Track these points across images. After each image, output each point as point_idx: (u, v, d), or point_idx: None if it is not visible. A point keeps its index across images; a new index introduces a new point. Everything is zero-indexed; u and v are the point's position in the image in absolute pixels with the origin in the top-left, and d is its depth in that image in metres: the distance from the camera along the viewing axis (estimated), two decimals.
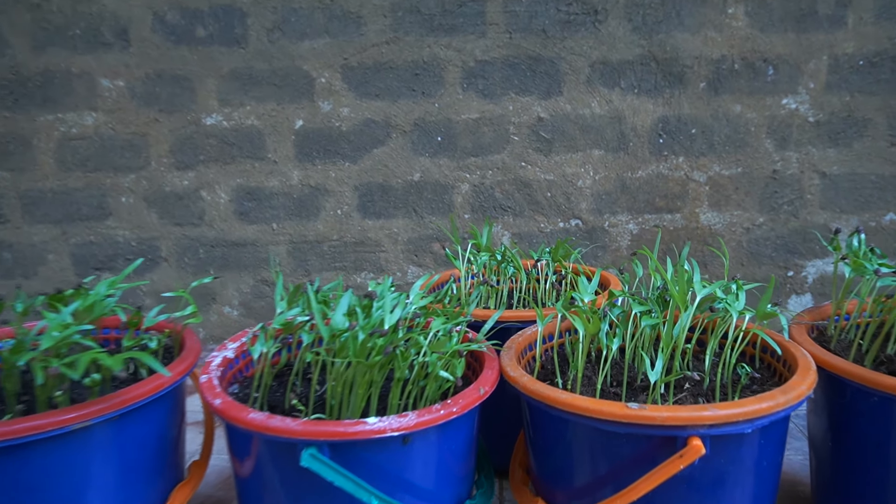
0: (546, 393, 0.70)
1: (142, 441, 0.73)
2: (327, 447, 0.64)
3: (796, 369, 0.72)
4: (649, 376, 0.70)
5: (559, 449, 0.72)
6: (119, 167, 1.91)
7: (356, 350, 0.66)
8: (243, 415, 0.66)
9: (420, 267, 1.98)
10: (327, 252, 1.98)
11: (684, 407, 0.64)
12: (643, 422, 0.64)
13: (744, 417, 0.63)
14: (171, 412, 0.79)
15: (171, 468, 0.80)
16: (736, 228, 1.90)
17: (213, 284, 2.00)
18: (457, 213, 1.94)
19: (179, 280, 1.99)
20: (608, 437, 0.67)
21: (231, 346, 0.84)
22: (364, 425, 0.64)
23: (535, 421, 0.77)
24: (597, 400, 0.67)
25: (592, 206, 1.92)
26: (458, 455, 0.73)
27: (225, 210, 1.95)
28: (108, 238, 1.96)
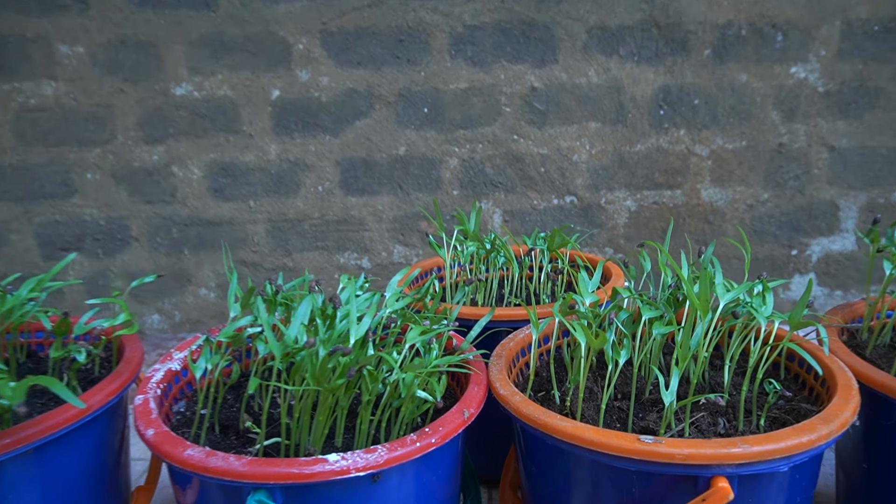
0: (543, 420, 0.58)
1: (66, 472, 0.61)
2: (280, 491, 0.53)
3: (834, 387, 0.61)
4: (663, 398, 0.59)
5: (557, 481, 0.61)
6: (83, 141, 1.76)
7: (315, 371, 0.54)
8: (178, 452, 0.54)
9: (406, 246, 1.85)
10: (308, 231, 1.85)
11: (708, 442, 0.52)
12: (659, 459, 0.52)
13: (780, 454, 0.52)
14: (103, 437, 0.67)
15: (107, 496, 0.68)
16: (739, 205, 1.78)
17: (188, 265, 1.86)
18: (445, 190, 1.81)
19: (152, 261, 1.85)
20: (616, 474, 0.56)
21: (177, 356, 0.71)
22: (323, 464, 0.53)
23: (529, 447, 0.65)
24: (603, 431, 0.55)
25: (588, 181, 1.79)
26: (438, 490, 0.61)
27: (198, 187, 1.81)
28: (74, 217, 1.81)
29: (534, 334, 0.69)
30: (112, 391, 0.65)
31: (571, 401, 0.67)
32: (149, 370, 0.68)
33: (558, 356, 0.81)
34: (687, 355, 0.61)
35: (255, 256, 1.86)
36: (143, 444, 0.57)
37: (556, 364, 0.81)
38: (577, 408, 0.66)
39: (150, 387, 0.65)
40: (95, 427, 0.65)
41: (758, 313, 0.63)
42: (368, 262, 1.87)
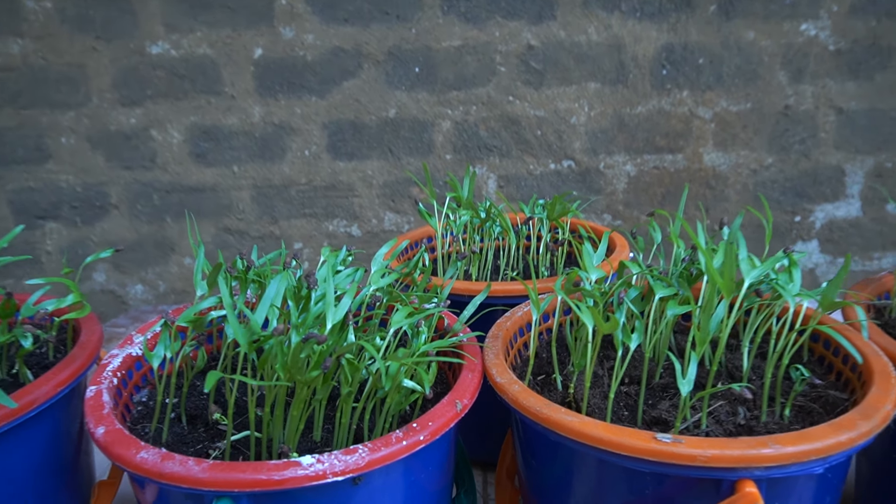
0: (546, 414, 0.51)
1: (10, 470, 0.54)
2: (246, 499, 0.46)
3: (869, 374, 0.54)
4: (680, 387, 0.52)
5: (559, 478, 0.54)
6: (56, 103, 1.65)
7: (286, 362, 0.47)
8: (131, 454, 0.47)
9: (398, 213, 1.77)
10: (295, 197, 1.76)
11: (734, 442, 0.45)
12: (678, 461, 0.45)
13: (816, 455, 0.45)
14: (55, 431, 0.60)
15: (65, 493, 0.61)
16: (742, 170, 1.70)
17: (171, 234, 1.78)
18: (437, 154, 1.72)
19: (133, 230, 1.76)
20: (627, 474, 0.49)
21: (138, 339, 0.64)
22: (296, 469, 0.45)
23: (528, 440, 0.58)
24: (614, 427, 0.48)
25: (587, 145, 1.70)
26: (429, 487, 0.54)
27: (179, 151, 1.71)
28: (49, 183, 1.72)
29: (534, 314, 0.61)
30: (62, 381, 0.57)
31: (576, 387, 0.60)
32: (106, 356, 0.60)
33: (560, 335, 0.74)
34: (706, 339, 0.54)
35: (240, 224, 1.78)
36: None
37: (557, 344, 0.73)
38: (581, 396, 0.59)
39: (105, 376, 0.57)
40: (45, 421, 0.57)
41: (784, 291, 0.56)
42: (358, 229, 1.78)
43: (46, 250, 1.77)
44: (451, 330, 0.62)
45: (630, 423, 0.59)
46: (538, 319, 0.63)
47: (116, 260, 1.79)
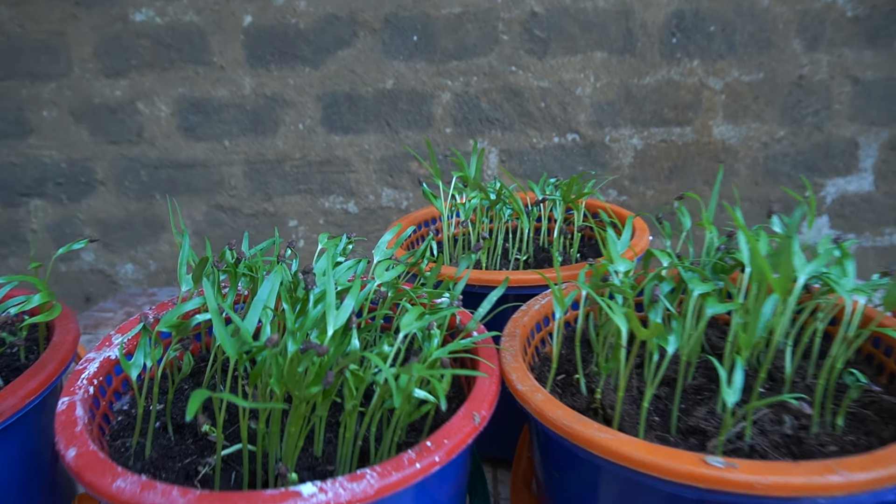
0: (576, 429, 0.44)
1: None
2: None
3: None
4: (725, 398, 0.46)
5: (587, 497, 0.49)
6: (36, 74, 1.56)
7: (281, 376, 0.40)
8: (106, 483, 0.40)
9: (396, 189, 1.69)
10: (290, 173, 1.68)
11: (796, 467, 0.39)
12: (732, 489, 0.39)
13: (891, 483, 0.39)
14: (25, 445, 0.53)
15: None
16: (753, 143, 1.62)
17: (160, 211, 1.70)
18: (436, 128, 1.64)
19: (121, 207, 1.68)
20: (668, 500, 0.43)
21: (118, 339, 0.57)
22: (295, 500, 0.39)
23: (552, 452, 0.52)
24: (655, 448, 0.42)
25: (592, 118, 1.62)
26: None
27: (167, 125, 1.62)
28: (32, 159, 1.63)
29: (557, 312, 0.54)
30: (31, 390, 0.51)
31: (604, 393, 0.54)
32: (82, 360, 0.54)
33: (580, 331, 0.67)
34: (752, 342, 0.47)
35: (232, 201, 1.70)
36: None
37: (573, 339, 0.67)
38: (609, 402, 0.53)
39: (80, 385, 0.50)
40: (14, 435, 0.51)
41: (838, 286, 0.50)
42: (355, 205, 1.71)
43: (32, 228, 1.69)
44: (465, 329, 0.56)
45: (662, 430, 0.53)
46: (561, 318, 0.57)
47: (105, 237, 1.71)
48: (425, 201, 1.70)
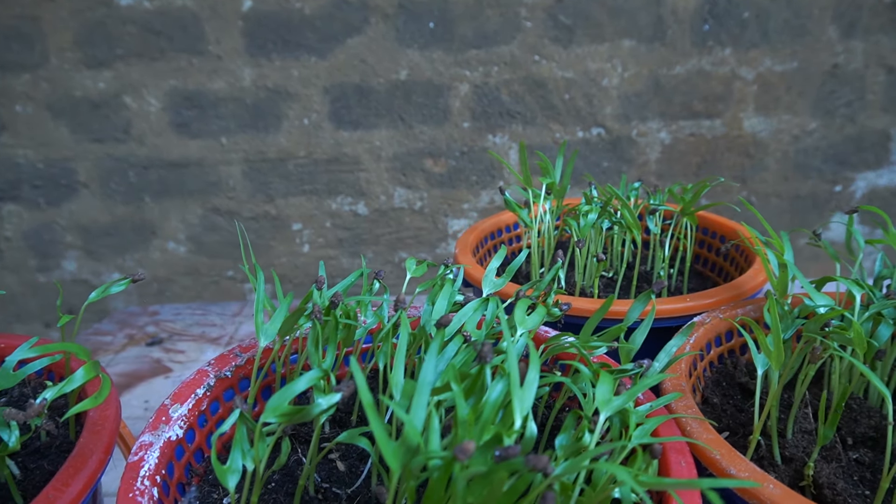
0: None
1: None
2: None
3: None
4: None
5: None
6: (7, 64, 1.36)
7: (465, 496, 0.27)
8: None
9: (409, 189, 1.55)
10: (293, 172, 1.52)
11: None
12: None
13: None
14: None
15: None
16: (783, 136, 1.53)
17: (151, 216, 1.52)
18: (453, 122, 1.49)
19: (106, 211, 1.50)
20: None
21: (177, 411, 0.42)
22: None
23: None
24: None
25: (619, 110, 1.50)
26: None
27: (158, 121, 1.44)
28: (5, 159, 1.43)
29: (760, 365, 0.42)
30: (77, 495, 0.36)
31: (817, 466, 0.42)
32: (135, 448, 0.39)
33: (728, 372, 0.55)
34: None
35: (230, 203, 1.53)
36: None
37: (726, 383, 0.55)
38: (827, 483, 0.41)
39: (141, 490, 0.36)
40: None
41: None
42: (365, 207, 1.56)
43: (5, 236, 1.49)
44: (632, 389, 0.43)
45: None
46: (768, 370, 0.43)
47: (89, 245, 1.53)
48: (440, 202, 1.56)
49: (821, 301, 0.44)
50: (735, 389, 0.53)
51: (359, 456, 0.48)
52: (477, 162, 1.53)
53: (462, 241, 0.73)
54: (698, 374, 0.52)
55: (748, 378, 0.54)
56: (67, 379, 0.36)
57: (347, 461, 0.47)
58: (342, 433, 0.38)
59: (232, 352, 0.49)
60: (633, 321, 0.41)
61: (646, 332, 0.41)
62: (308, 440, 0.47)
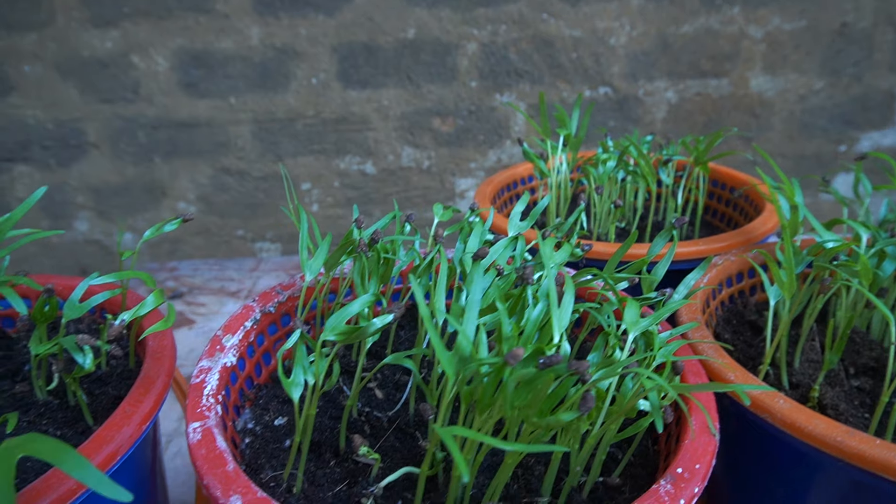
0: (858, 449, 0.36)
1: None
2: None
3: None
4: None
5: None
6: (13, 24, 1.37)
7: (513, 399, 0.31)
8: None
9: (417, 148, 1.57)
10: (302, 132, 1.54)
11: None
12: None
13: None
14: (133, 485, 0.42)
15: None
16: (790, 95, 1.55)
17: (161, 176, 1.54)
18: (461, 81, 1.51)
19: (117, 172, 1.52)
20: None
21: (230, 341, 0.46)
22: None
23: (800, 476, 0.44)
24: None
25: (626, 69, 1.51)
26: None
27: (166, 81, 1.46)
28: (15, 120, 1.45)
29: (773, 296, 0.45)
30: (147, 414, 0.40)
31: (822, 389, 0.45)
32: (195, 371, 0.43)
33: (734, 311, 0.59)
34: None
35: (240, 163, 1.55)
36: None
37: (735, 321, 0.59)
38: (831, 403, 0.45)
39: (207, 406, 0.40)
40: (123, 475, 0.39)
41: None
42: (373, 166, 1.58)
43: (17, 197, 1.52)
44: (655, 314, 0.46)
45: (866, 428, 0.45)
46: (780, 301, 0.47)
47: (100, 205, 1.55)
48: (447, 162, 1.59)
49: (829, 237, 0.47)
50: (745, 327, 0.57)
51: (394, 385, 0.51)
52: (484, 121, 1.55)
53: (480, 192, 0.77)
54: (710, 311, 0.56)
55: (757, 316, 0.57)
56: (141, 303, 0.39)
57: (385, 390, 0.51)
58: (387, 357, 0.41)
59: (274, 290, 0.52)
60: (654, 256, 0.45)
61: (667, 265, 0.44)
62: (349, 370, 0.51)
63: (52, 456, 0.28)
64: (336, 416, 0.48)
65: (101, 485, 0.27)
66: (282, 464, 0.43)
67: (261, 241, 1.65)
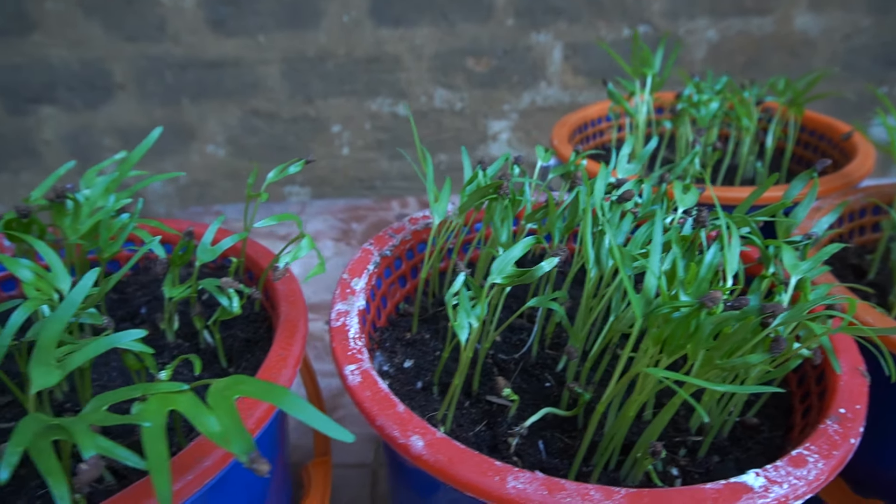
0: None
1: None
2: None
3: None
4: None
5: None
6: None
7: (703, 340, 0.31)
8: (492, 483, 0.31)
9: (450, 89, 1.54)
10: (333, 72, 1.50)
11: None
12: None
13: None
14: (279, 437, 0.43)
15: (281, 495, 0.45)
16: (834, 35, 1.52)
17: (189, 118, 1.51)
18: (497, 19, 1.47)
19: (144, 114, 1.49)
20: None
21: (358, 284, 0.46)
22: (747, 495, 0.31)
23: None
24: None
25: (666, 6, 1.47)
26: None
27: (193, 18, 1.41)
28: (38, 60, 1.41)
29: None
30: (298, 357, 0.40)
31: None
32: (333, 314, 0.43)
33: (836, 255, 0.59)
34: None
35: (269, 105, 1.52)
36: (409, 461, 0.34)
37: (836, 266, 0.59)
38: None
39: (356, 348, 0.40)
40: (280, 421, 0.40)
41: None
42: (405, 108, 1.56)
43: (44, 139, 1.49)
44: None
45: None
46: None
47: (128, 148, 1.52)
48: (480, 103, 1.56)
49: None
50: (847, 270, 0.58)
51: (509, 329, 0.52)
52: (520, 61, 1.52)
53: (557, 133, 0.76)
54: None
55: (859, 260, 0.58)
56: (299, 246, 0.39)
57: (502, 334, 0.51)
58: (531, 300, 0.41)
59: (385, 233, 0.52)
60: (792, 198, 0.45)
61: (808, 208, 0.44)
62: None
63: (269, 396, 0.28)
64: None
65: (325, 425, 0.27)
66: (419, 405, 0.44)
67: (290, 185, 1.64)
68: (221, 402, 0.28)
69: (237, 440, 0.26)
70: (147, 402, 0.27)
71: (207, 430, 0.27)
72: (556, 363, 0.49)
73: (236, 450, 0.26)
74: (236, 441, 0.26)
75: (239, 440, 0.26)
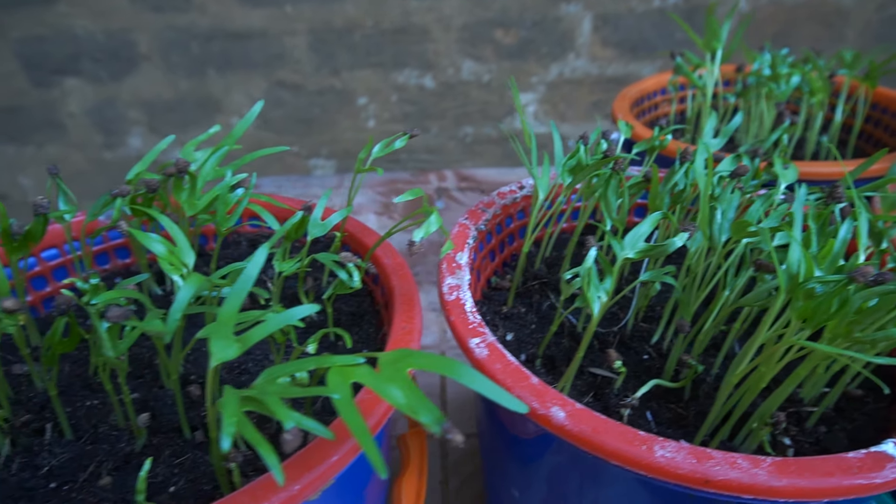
0: None
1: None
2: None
3: None
4: None
5: None
6: None
7: (849, 314, 0.32)
8: (640, 453, 0.32)
9: (478, 61, 1.53)
10: (360, 44, 1.49)
11: None
12: None
13: None
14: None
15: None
16: (868, 5, 1.51)
17: (214, 90, 1.50)
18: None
19: (170, 85, 1.48)
20: None
21: (462, 258, 0.46)
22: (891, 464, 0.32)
23: None
24: None
25: None
26: None
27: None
28: (63, 31, 1.39)
29: None
30: (418, 333, 0.40)
31: None
32: (445, 289, 0.43)
33: None
34: None
35: (295, 77, 1.51)
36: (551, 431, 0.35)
37: None
38: None
39: (476, 321, 0.40)
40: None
41: None
42: (432, 80, 1.54)
43: (69, 112, 1.47)
44: None
45: None
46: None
47: (153, 121, 1.51)
48: (508, 76, 1.55)
49: None
50: None
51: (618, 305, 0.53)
52: (549, 32, 1.51)
53: (619, 105, 0.76)
54: None
55: None
56: (427, 221, 0.39)
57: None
58: (644, 273, 0.42)
59: (478, 207, 0.53)
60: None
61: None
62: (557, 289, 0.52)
63: (441, 367, 0.29)
64: (558, 331, 0.49)
65: (502, 397, 0.28)
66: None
67: (315, 158, 1.63)
68: (396, 375, 0.28)
69: (424, 411, 0.27)
70: (329, 374, 0.28)
71: (395, 402, 0.27)
72: (650, 336, 0.49)
73: (426, 419, 0.26)
74: (424, 412, 0.27)
75: (426, 411, 0.27)
